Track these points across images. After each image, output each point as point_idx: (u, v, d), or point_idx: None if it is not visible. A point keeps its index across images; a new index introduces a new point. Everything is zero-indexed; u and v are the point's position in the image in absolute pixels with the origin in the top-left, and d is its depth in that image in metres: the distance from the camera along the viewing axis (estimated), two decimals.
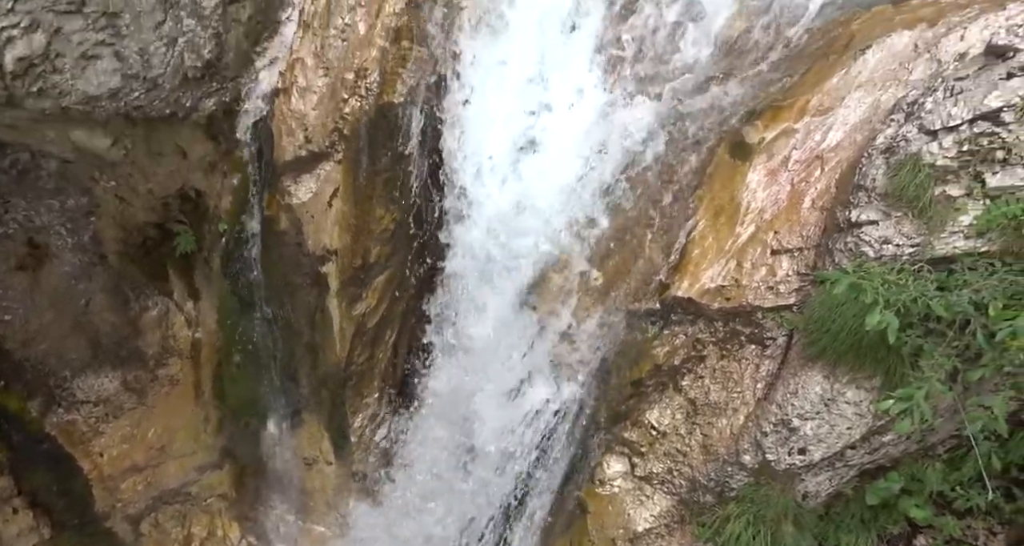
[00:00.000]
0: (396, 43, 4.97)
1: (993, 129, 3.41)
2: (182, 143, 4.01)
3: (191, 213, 4.49)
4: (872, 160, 3.94)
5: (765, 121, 4.52)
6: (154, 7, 3.38)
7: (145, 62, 3.38)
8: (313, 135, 4.88)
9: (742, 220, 4.55)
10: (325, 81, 4.85)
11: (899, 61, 4.19)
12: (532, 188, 4.78)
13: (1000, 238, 3.43)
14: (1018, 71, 3.37)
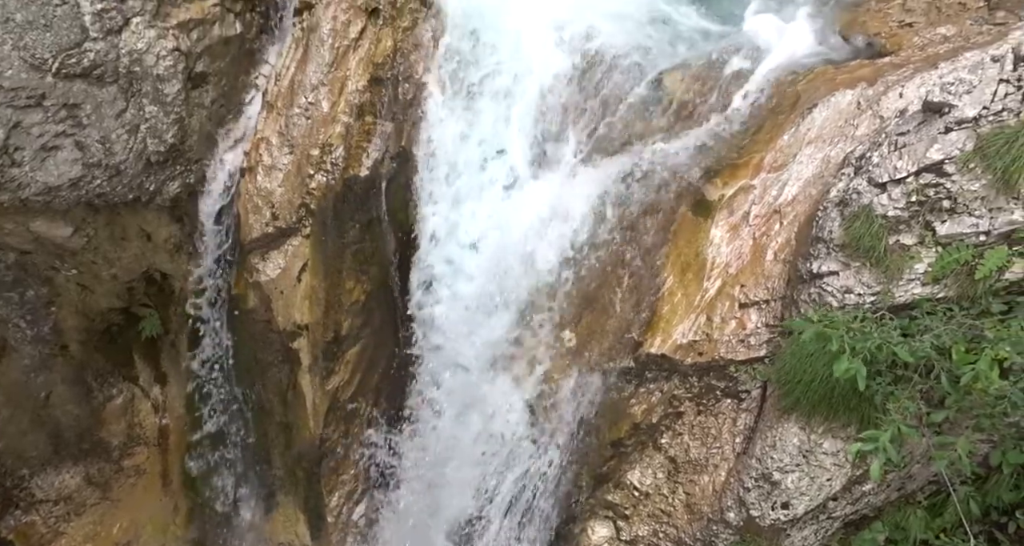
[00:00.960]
0: (360, 118, 5.08)
1: (938, 180, 3.55)
2: (146, 226, 4.00)
3: (156, 296, 4.44)
4: (827, 213, 4.06)
5: (723, 178, 4.65)
6: (115, 96, 3.43)
7: (107, 150, 3.41)
8: (280, 211, 4.91)
9: (709, 275, 4.62)
10: (290, 158, 4.92)
11: (844, 118, 4.38)
12: (497, 255, 4.83)
13: (955, 284, 3.53)
14: (955, 125, 3.54)
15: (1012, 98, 3.40)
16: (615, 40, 4.90)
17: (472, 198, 4.95)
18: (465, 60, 5.02)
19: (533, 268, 4.90)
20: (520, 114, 4.88)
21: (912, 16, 4.60)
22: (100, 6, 3.30)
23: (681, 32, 4.98)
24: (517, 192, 4.92)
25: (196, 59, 4.03)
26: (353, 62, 5.00)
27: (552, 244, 4.94)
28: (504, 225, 4.90)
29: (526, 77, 4.94)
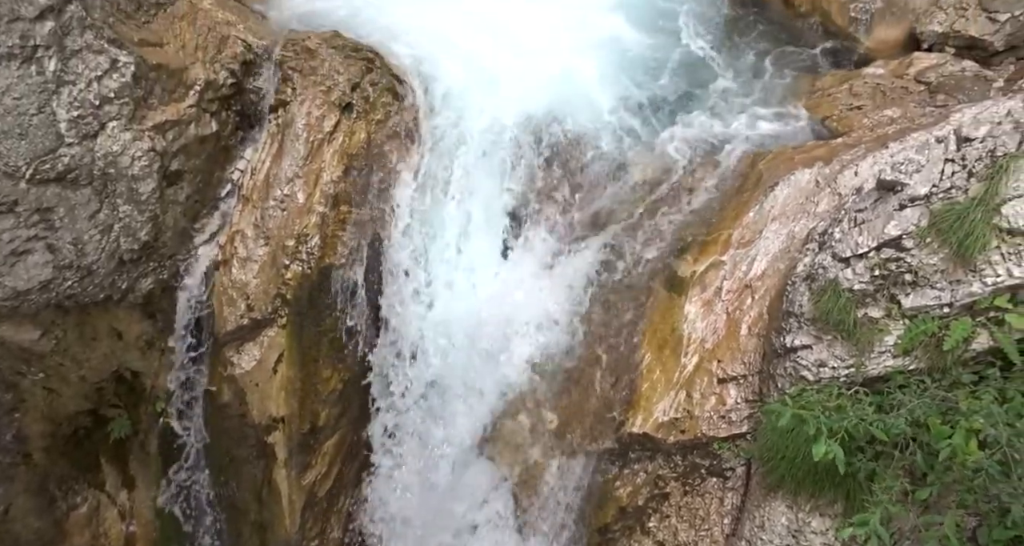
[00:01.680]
0: (335, 208, 5.15)
1: (898, 255, 3.65)
2: (118, 325, 3.97)
3: (126, 395, 4.35)
4: (796, 287, 4.13)
5: (694, 255, 4.75)
6: (89, 198, 3.47)
7: (79, 251, 3.41)
8: (255, 303, 4.90)
9: (686, 351, 4.64)
10: (266, 250, 4.95)
11: (805, 195, 4.54)
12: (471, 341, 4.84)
13: (925, 355, 3.57)
14: (908, 202, 3.68)
15: (959, 176, 3.55)
16: (585, 127, 5.08)
17: (445, 285, 5.00)
18: (435, 151, 5.17)
19: (509, 351, 4.90)
20: (490, 201, 5.01)
21: (859, 99, 4.86)
22: (76, 113, 3.38)
23: (650, 116, 5.18)
24: (491, 277, 4.98)
25: (171, 158, 4.11)
26: (328, 154, 5.11)
27: (528, 328, 4.96)
28: (477, 311, 4.92)
29: (496, 164, 5.09)
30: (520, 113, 5.08)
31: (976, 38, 4.79)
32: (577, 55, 5.39)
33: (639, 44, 5.49)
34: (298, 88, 5.07)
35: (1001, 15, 4.67)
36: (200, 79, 4.38)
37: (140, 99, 3.81)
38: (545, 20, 5.63)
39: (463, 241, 5.15)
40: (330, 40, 5.20)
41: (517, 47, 5.39)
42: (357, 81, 5.14)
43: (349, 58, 5.17)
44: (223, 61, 4.57)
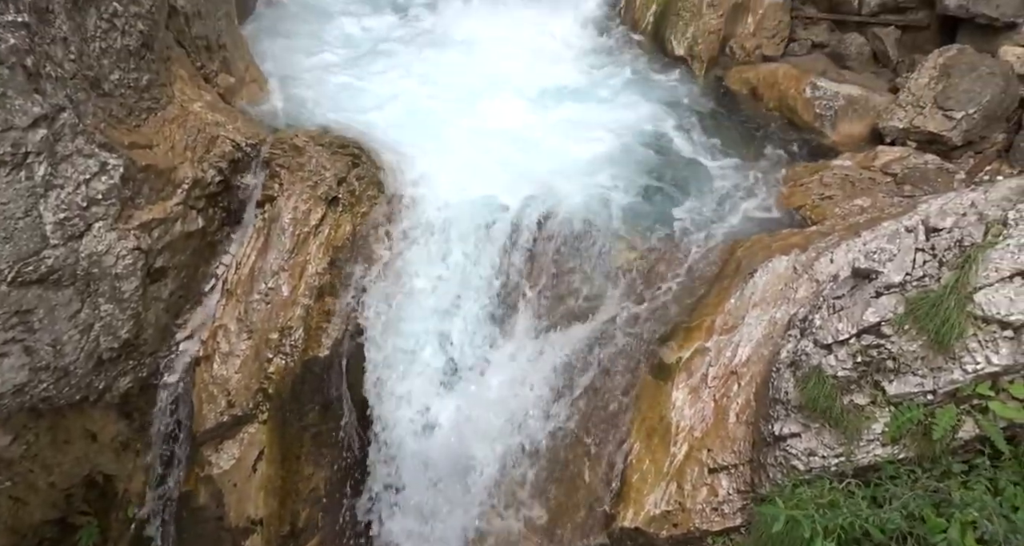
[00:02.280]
0: (320, 299, 5.16)
1: (878, 341, 3.68)
2: (92, 426, 3.86)
3: (97, 500, 4.17)
4: (781, 374, 4.13)
5: (679, 342, 4.76)
6: (71, 298, 3.45)
7: (57, 352, 3.37)
8: (236, 399, 4.81)
9: (675, 440, 4.57)
10: (248, 344, 4.91)
11: (784, 282, 4.61)
12: (460, 435, 4.75)
13: (913, 444, 3.54)
14: (884, 290, 3.74)
15: (930, 265, 3.63)
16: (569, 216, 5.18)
17: (428, 378, 4.96)
18: (419, 241, 5.24)
19: (494, 447, 4.81)
20: (473, 291, 5.04)
21: (830, 189, 5.03)
22: (63, 215, 3.42)
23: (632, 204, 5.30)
24: (474, 367, 4.94)
25: (156, 255, 4.13)
26: (313, 247, 5.16)
27: (513, 417, 4.89)
28: (462, 403, 4.86)
29: (479, 254, 5.15)
30: (503, 203, 5.19)
31: (935, 133, 5.02)
32: (559, 145, 5.59)
33: (621, 137, 5.70)
34: (285, 183, 5.17)
35: (956, 113, 4.92)
36: (188, 178, 4.47)
37: (127, 199, 3.87)
38: (531, 113, 5.86)
39: (446, 329, 5.14)
40: (317, 137, 5.36)
41: (502, 138, 5.58)
42: (343, 176, 5.25)
43: (336, 154, 5.31)
44: (211, 160, 4.68)
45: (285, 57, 6.01)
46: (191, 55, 4.80)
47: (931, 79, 5.10)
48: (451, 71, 5.96)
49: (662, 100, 6.06)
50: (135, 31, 4.02)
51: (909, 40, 5.85)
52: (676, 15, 6.41)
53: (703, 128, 5.84)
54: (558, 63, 6.34)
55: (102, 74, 3.83)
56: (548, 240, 5.11)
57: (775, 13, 6.23)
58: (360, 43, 6.17)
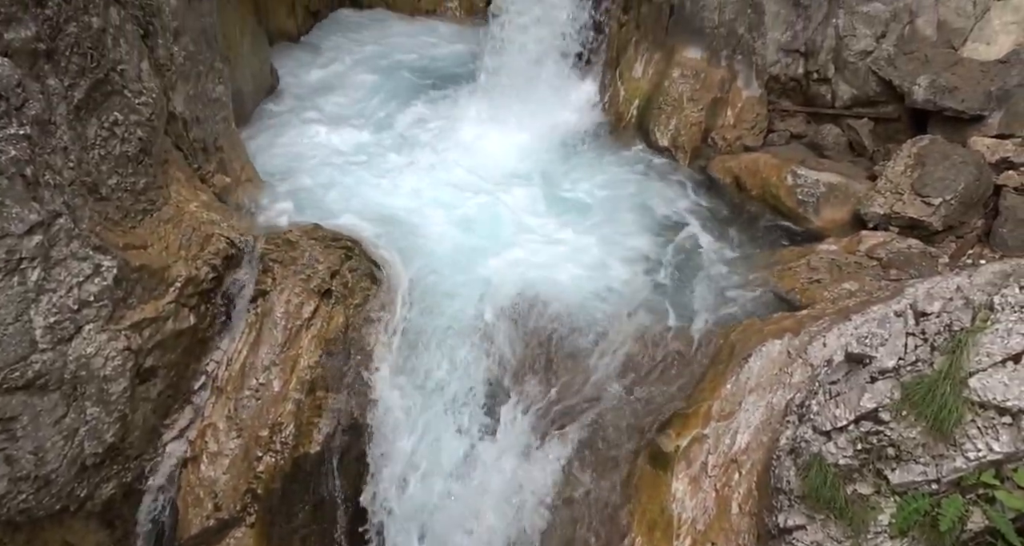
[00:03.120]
0: (311, 394, 5.09)
1: (877, 428, 3.63)
2: (72, 537, 3.71)
3: None
4: (781, 462, 4.05)
5: (676, 429, 4.68)
6: (56, 403, 3.39)
7: (39, 460, 3.28)
8: (223, 501, 4.66)
9: (677, 533, 4.44)
10: (238, 442, 4.80)
11: (779, 366, 4.59)
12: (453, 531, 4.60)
13: (922, 536, 3.43)
14: (879, 375, 3.72)
15: (922, 349, 3.63)
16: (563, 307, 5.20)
17: (423, 469, 4.84)
18: (413, 332, 5.23)
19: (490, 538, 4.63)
20: (469, 383, 5.00)
21: (818, 273, 5.09)
22: (53, 319, 3.41)
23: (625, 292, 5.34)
24: (470, 465, 4.84)
25: (146, 355, 4.10)
26: (306, 340, 5.15)
27: (509, 511, 4.74)
28: (459, 498, 4.72)
29: (475, 345, 5.14)
30: (494, 295, 5.22)
31: (916, 219, 5.15)
32: (545, 235, 5.69)
33: (608, 227, 5.81)
34: (278, 278, 5.21)
35: (934, 199, 5.07)
36: (181, 276, 4.50)
37: (119, 300, 3.88)
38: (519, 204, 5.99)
39: (442, 423, 5.06)
40: (311, 232, 5.44)
41: (489, 229, 5.68)
42: (336, 268, 5.30)
43: (329, 247, 5.38)
44: (205, 257, 4.73)
45: (282, 157, 6.20)
46: (188, 157, 4.94)
47: (907, 167, 5.27)
48: (443, 170, 6.14)
49: (648, 190, 6.23)
50: (134, 138, 4.15)
51: (883, 131, 6.08)
52: (658, 109, 6.67)
53: (689, 216, 5.97)
54: (544, 155, 6.54)
55: (100, 179, 3.93)
56: (538, 329, 5.12)
57: (753, 106, 6.50)
58: (355, 146, 6.39)
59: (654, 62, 6.87)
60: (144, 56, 4.27)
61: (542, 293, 5.18)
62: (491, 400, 5.00)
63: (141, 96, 4.21)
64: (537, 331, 5.16)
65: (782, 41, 6.28)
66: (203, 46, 4.95)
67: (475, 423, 4.94)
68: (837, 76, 6.17)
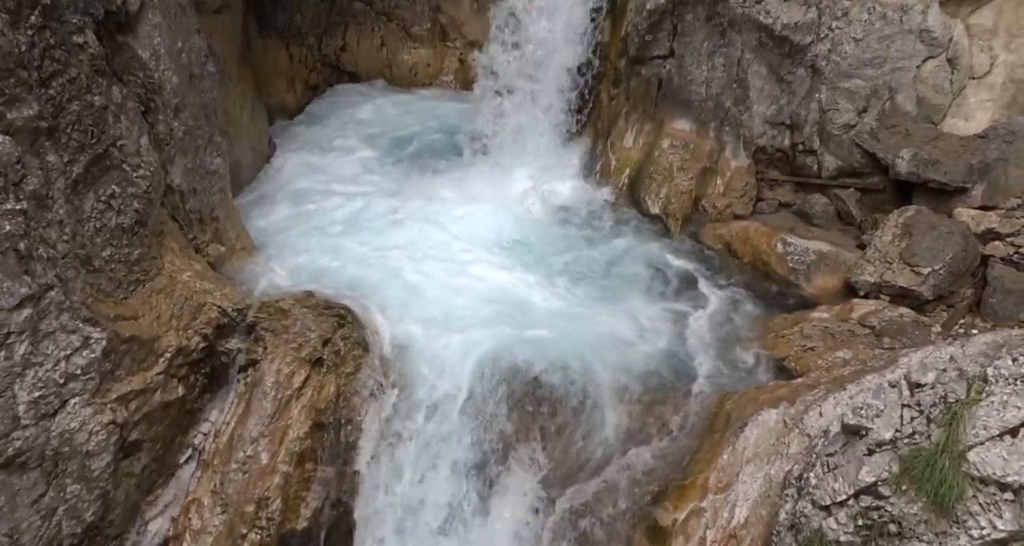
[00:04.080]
0: (300, 466, 4.98)
1: (877, 503, 3.55)
2: None
3: None
4: (782, 538, 3.95)
5: (673, 502, 4.58)
6: (36, 481, 3.31)
7: (13, 543, 3.17)
8: None
9: None
10: (222, 519, 4.66)
11: (775, 436, 4.52)
12: None
13: None
14: (876, 447, 3.67)
15: (918, 421, 3.59)
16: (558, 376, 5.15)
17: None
18: (405, 402, 5.17)
19: None
20: (461, 453, 4.91)
21: (811, 341, 5.08)
22: (38, 394, 3.36)
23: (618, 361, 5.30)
24: (460, 541, 4.70)
25: (132, 428, 4.03)
26: (296, 410, 5.07)
27: None
28: None
29: (465, 415, 5.07)
30: (491, 363, 5.19)
31: (906, 288, 5.19)
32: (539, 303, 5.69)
33: (603, 295, 5.83)
34: (269, 347, 5.17)
35: (923, 269, 5.12)
36: (172, 346, 4.46)
37: (107, 372, 3.84)
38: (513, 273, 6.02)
39: (433, 494, 4.95)
40: (303, 300, 5.44)
41: (483, 298, 5.69)
42: (329, 336, 5.27)
43: (321, 315, 5.36)
44: (197, 327, 4.71)
45: (277, 226, 6.27)
46: (184, 228, 4.99)
47: (894, 237, 5.34)
48: (436, 240, 6.21)
49: (641, 257, 6.28)
50: (130, 210, 4.20)
51: (869, 201, 6.20)
52: (649, 177, 6.79)
53: (682, 283, 6.00)
54: (536, 224, 6.63)
55: (94, 251, 3.95)
56: (530, 399, 5.07)
57: (741, 176, 6.63)
58: (349, 216, 6.48)
59: (644, 133, 7.04)
60: (144, 131, 4.37)
61: (534, 362, 5.15)
62: (481, 472, 4.90)
63: (139, 169, 4.28)
64: (528, 401, 5.11)
65: (768, 114, 6.46)
66: (203, 121, 5.07)
67: (466, 496, 4.82)
68: (822, 148, 6.32)
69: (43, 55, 3.49)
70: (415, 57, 8.94)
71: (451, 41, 9.13)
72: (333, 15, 8.39)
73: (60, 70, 3.61)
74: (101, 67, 3.98)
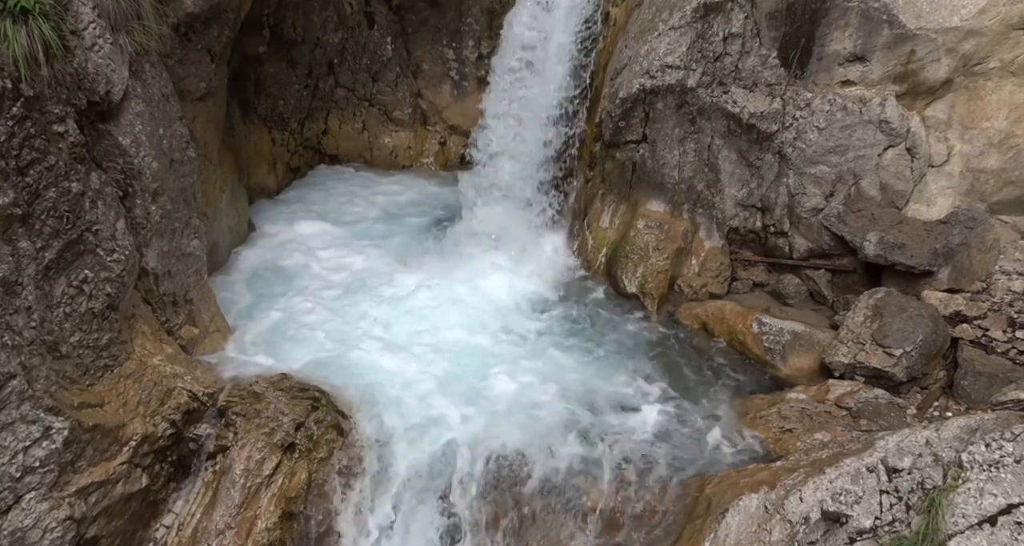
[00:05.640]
0: None
1: None
2: None
3: None
4: None
5: None
6: None
7: None
8: None
9: None
10: None
11: (757, 523, 4.42)
12: None
13: None
14: (857, 536, 3.61)
15: (897, 508, 3.55)
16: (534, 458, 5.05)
17: None
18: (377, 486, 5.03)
19: None
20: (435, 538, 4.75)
21: (789, 423, 5.06)
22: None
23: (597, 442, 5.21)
24: None
25: (90, 523, 3.85)
26: (265, 499, 4.90)
27: None
28: None
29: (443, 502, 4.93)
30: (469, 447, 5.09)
31: (880, 369, 5.22)
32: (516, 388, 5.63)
33: (580, 376, 5.79)
34: (240, 432, 5.04)
35: (895, 350, 5.17)
36: (137, 434, 4.34)
37: (67, 464, 3.71)
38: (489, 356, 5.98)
39: None
40: (277, 382, 5.35)
41: (459, 380, 5.63)
42: (302, 420, 5.16)
43: (295, 398, 5.26)
44: (165, 413, 4.59)
45: (254, 307, 6.24)
46: (157, 311, 4.95)
47: (866, 318, 5.42)
48: (415, 318, 6.20)
49: (618, 337, 6.29)
50: (102, 295, 4.17)
51: (840, 282, 6.31)
52: (626, 257, 6.89)
53: (660, 364, 5.99)
54: (515, 303, 6.65)
55: (62, 337, 3.89)
56: (509, 484, 4.95)
57: (715, 256, 6.75)
58: (326, 295, 6.47)
59: (620, 213, 7.19)
60: (121, 215, 4.39)
61: (512, 446, 5.06)
62: None
63: (114, 254, 4.28)
64: (507, 486, 4.99)
65: (739, 197, 6.64)
66: (181, 204, 5.12)
67: None
68: (793, 230, 6.48)
69: (22, 144, 3.54)
70: (396, 140, 9.15)
71: (432, 125, 9.37)
72: (316, 101, 8.61)
73: (39, 158, 3.65)
74: (81, 154, 4.04)
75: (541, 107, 7.11)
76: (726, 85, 6.39)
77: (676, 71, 6.34)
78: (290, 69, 8.28)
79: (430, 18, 8.98)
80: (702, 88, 6.37)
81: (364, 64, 8.78)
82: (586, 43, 7.00)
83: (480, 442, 5.12)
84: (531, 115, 7.12)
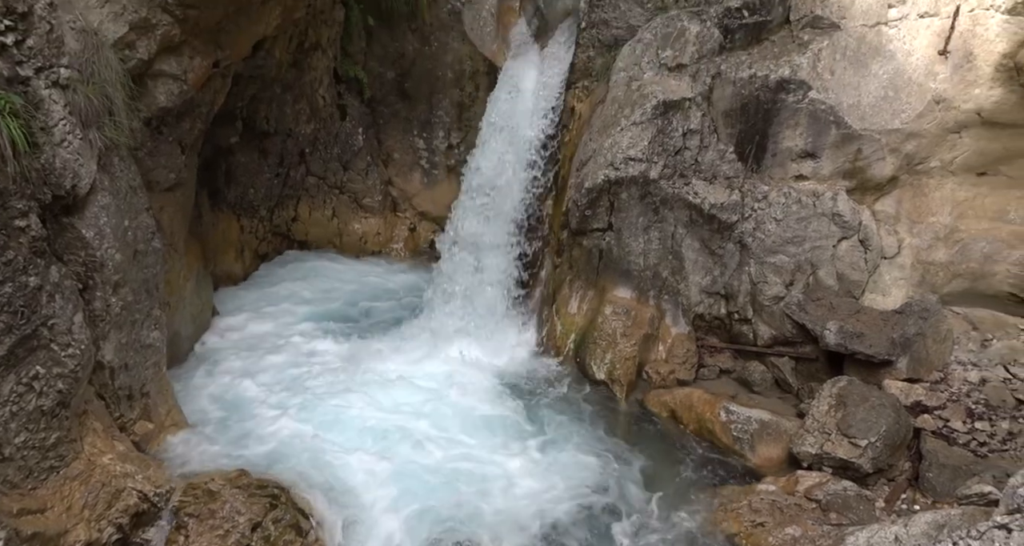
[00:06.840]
0: None
1: None
2: None
3: None
4: None
5: None
6: None
7: None
8: None
9: None
10: None
11: None
12: None
13: None
14: None
15: None
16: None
17: None
18: None
19: None
20: None
21: (761, 516, 4.97)
22: None
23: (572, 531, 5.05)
24: None
25: None
26: None
27: None
28: None
29: None
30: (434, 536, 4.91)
31: (846, 460, 5.21)
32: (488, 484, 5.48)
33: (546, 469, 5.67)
34: (192, 535, 4.78)
35: (860, 440, 5.18)
36: (80, 541, 4.09)
37: None
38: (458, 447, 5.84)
39: None
40: (234, 480, 5.12)
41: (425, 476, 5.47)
42: (259, 520, 4.92)
43: (253, 496, 5.04)
44: (112, 516, 4.35)
45: (213, 399, 6.06)
46: (110, 406, 4.77)
47: (830, 407, 5.44)
48: (379, 409, 6.07)
49: (586, 425, 6.21)
50: (53, 391, 4.02)
51: (804, 369, 6.38)
52: (594, 343, 6.90)
53: (629, 455, 5.91)
54: (483, 391, 6.56)
55: (6, 438, 3.72)
56: None
57: (682, 342, 6.80)
58: (289, 387, 6.32)
59: (588, 299, 7.25)
60: (79, 309, 4.30)
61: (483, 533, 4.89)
62: None
63: (68, 348, 4.15)
64: None
65: (703, 284, 6.77)
66: (143, 295, 5.03)
67: None
68: (756, 317, 6.59)
69: None
70: (366, 227, 9.23)
71: (402, 211, 9.51)
72: (287, 189, 8.70)
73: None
74: (41, 248, 3.99)
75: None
76: (687, 177, 6.62)
77: (639, 163, 6.58)
78: (262, 159, 8.39)
79: (401, 110, 9.28)
80: (664, 180, 6.60)
81: (335, 153, 8.95)
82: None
83: (447, 536, 4.95)
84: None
